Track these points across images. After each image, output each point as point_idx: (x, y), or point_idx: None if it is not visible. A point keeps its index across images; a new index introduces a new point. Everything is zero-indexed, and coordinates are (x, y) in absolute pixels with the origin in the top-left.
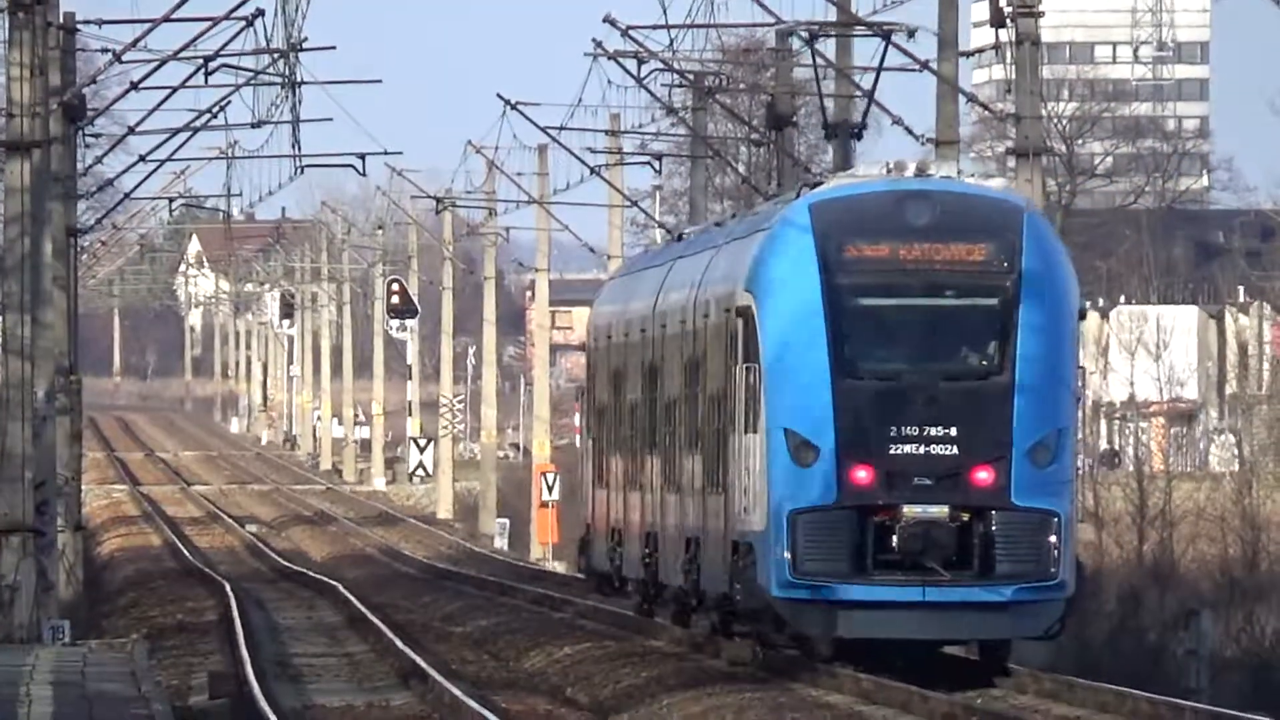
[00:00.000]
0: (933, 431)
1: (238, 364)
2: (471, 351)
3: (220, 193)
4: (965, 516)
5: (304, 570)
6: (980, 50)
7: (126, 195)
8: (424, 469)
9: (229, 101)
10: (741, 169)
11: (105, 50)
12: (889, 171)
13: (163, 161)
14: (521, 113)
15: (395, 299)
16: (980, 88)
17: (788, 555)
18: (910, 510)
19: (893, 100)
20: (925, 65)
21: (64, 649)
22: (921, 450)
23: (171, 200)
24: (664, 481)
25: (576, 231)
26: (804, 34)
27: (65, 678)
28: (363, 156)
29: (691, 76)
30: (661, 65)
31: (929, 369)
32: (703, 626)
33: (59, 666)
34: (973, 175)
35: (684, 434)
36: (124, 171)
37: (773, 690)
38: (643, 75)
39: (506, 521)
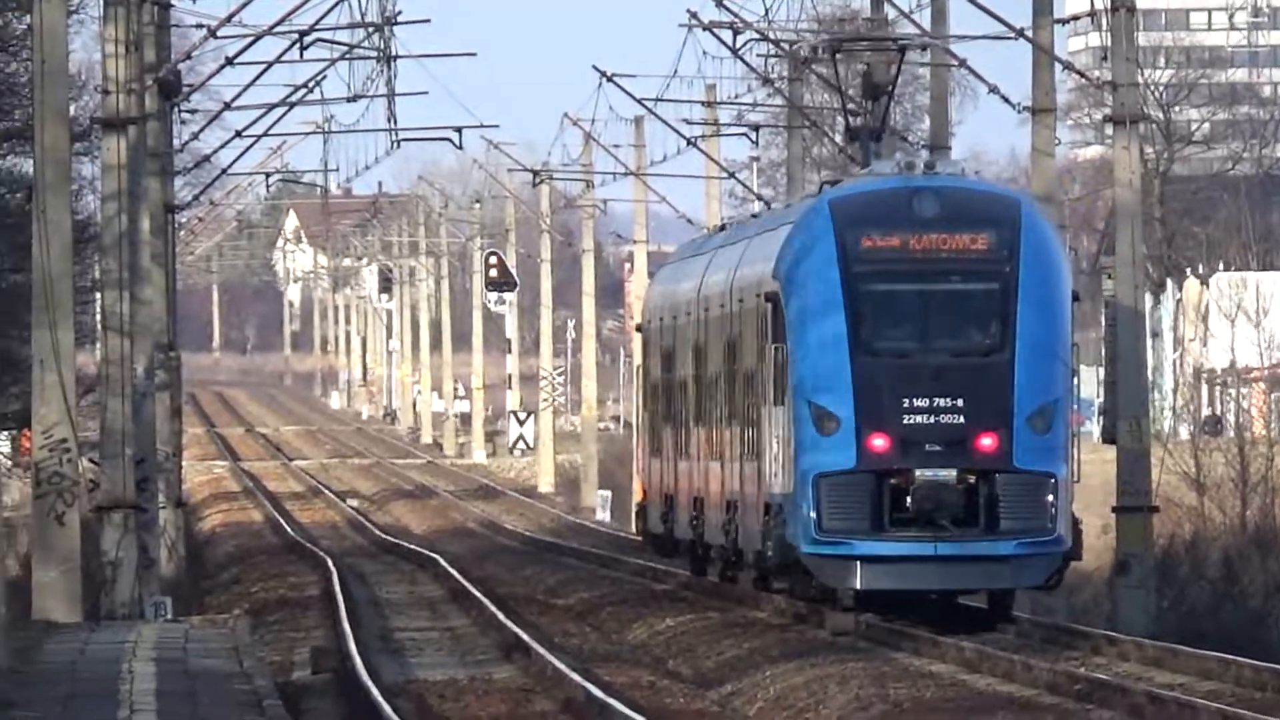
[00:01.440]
0: (941, 403)
1: (337, 339)
2: (571, 324)
3: (317, 167)
4: (971, 479)
5: (405, 544)
6: (1076, 17)
7: (223, 171)
8: (524, 442)
9: (324, 76)
10: (838, 139)
11: (200, 26)
12: (901, 170)
13: (259, 137)
14: (618, 84)
15: (493, 272)
16: (1076, 55)
17: (813, 515)
18: (922, 474)
19: (989, 69)
20: (1021, 33)
21: (166, 625)
22: (932, 420)
23: (268, 175)
24: (708, 450)
25: (674, 203)
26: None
27: (167, 654)
28: (459, 130)
29: (787, 46)
30: (757, 35)
31: (938, 347)
32: (746, 584)
33: (161, 643)
34: (978, 172)
35: (724, 407)
36: (220, 147)
37: (875, 660)
38: (738, 46)
39: (608, 494)
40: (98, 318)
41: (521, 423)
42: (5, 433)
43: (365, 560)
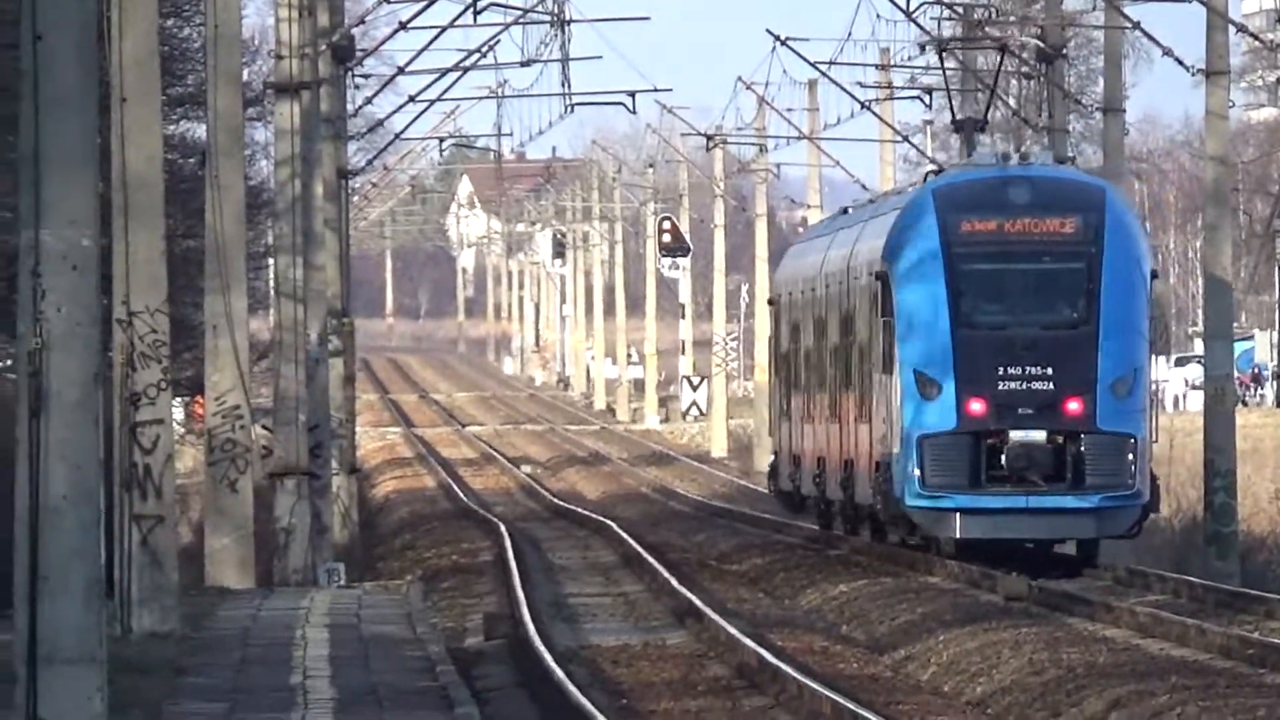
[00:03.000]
0: (1033, 370)
1: (510, 304)
2: (744, 289)
3: (491, 132)
4: (1059, 439)
5: (578, 509)
6: None
7: (397, 136)
8: (697, 407)
9: (498, 40)
10: (1012, 103)
11: None
12: (998, 161)
13: (432, 102)
14: (791, 48)
15: (667, 237)
16: (1250, 18)
17: (917, 472)
18: (1015, 434)
19: (1163, 32)
20: None
21: (339, 591)
22: (1024, 386)
23: (442, 140)
24: (828, 414)
25: (847, 168)
26: None
27: (340, 620)
28: (633, 94)
29: (961, 10)
30: None
31: (1030, 320)
32: (863, 536)
33: (334, 609)
34: (1073, 159)
35: (842, 375)
36: (394, 112)
37: (1048, 625)
38: (912, 9)
39: None
40: (271, 284)
41: (695, 388)
42: (178, 399)
43: (538, 526)
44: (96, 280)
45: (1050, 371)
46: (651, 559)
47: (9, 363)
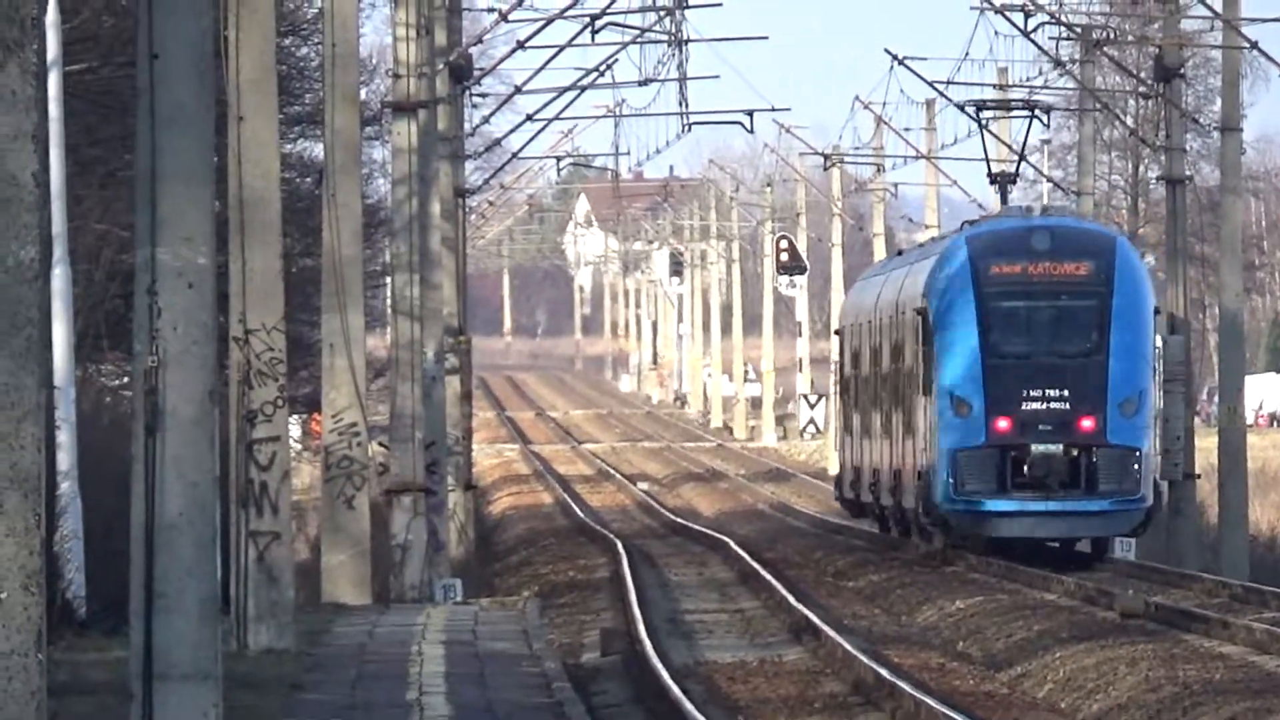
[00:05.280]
0: (1051, 393)
1: (627, 322)
2: None
3: (608, 151)
4: (1075, 452)
5: (695, 526)
6: None
7: (514, 155)
8: (815, 425)
9: (616, 59)
10: (1129, 122)
11: (491, 10)
12: (1023, 212)
13: (550, 120)
14: (909, 67)
15: (784, 255)
16: None
17: (951, 480)
18: (1036, 447)
19: None
20: None
21: (455, 607)
22: (1044, 406)
23: (559, 159)
24: (881, 430)
25: (965, 187)
26: None
27: (456, 636)
28: (750, 113)
29: (1079, 29)
30: (1049, 18)
31: (1049, 349)
32: (916, 540)
33: (450, 625)
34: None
35: (892, 397)
36: (511, 131)
37: (1165, 642)
38: (1030, 28)
39: None
40: (388, 302)
41: (812, 406)
42: (295, 416)
43: (654, 543)
44: (213, 298)
45: (1066, 393)
46: (768, 575)
47: (126, 380)
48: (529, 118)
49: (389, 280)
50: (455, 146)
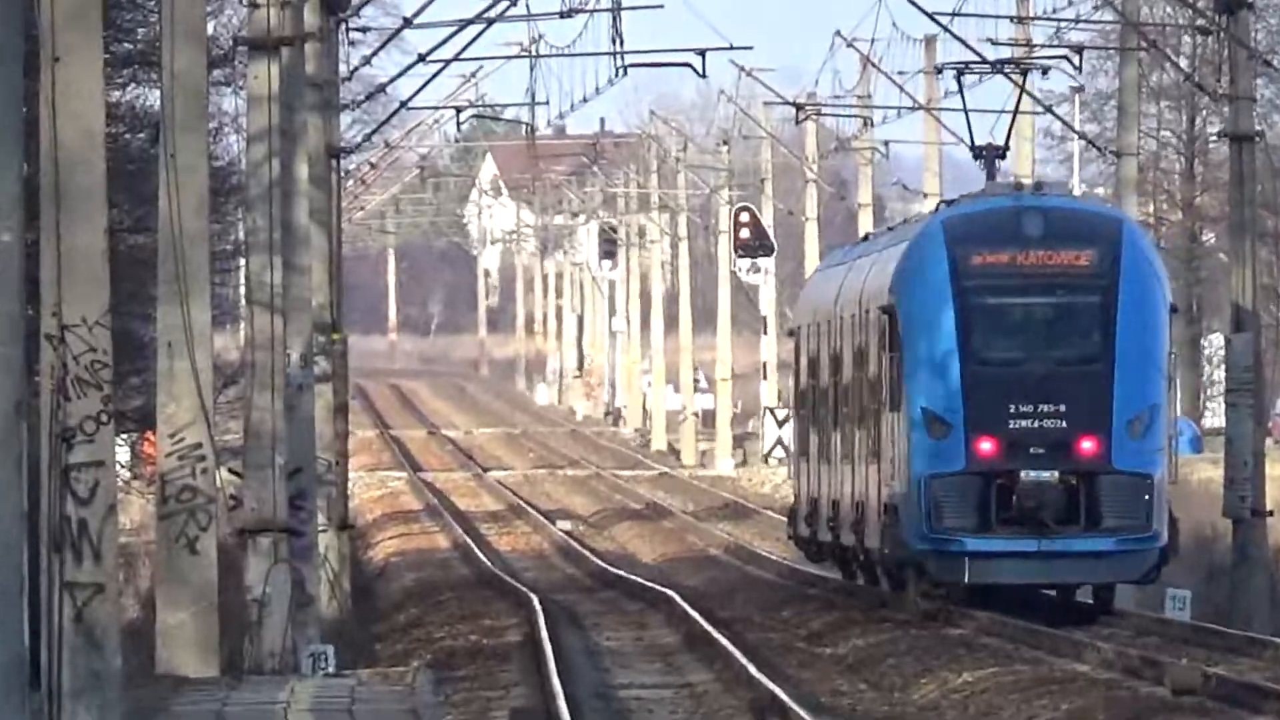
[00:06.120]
0: (1045, 408)
1: (545, 317)
2: None
3: (522, 101)
4: (1073, 479)
5: (631, 577)
6: None
7: (403, 105)
8: (783, 447)
9: None
10: (1184, 64)
11: None
12: (1011, 190)
13: (448, 62)
14: None
15: (745, 232)
16: None
17: (924, 514)
18: (1026, 474)
19: None
20: None
21: (327, 680)
22: (1036, 424)
23: (459, 110)
24: (841, 453)
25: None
26: None
27: (329, 719)
28: (702, 53)
29: None
30: None
31: (1042, 356)
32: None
33: (320, 704)
34: (1084, 193)
35: (854, 412)
36: (398, 75)
37: None
38: None
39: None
40: (241, 290)
41: (780, 423)
42: (124, 435)
43: (580, 598)
44: (19, 285)
45: (1063, 409)
46: (723, 638)
47: None
48: (421, 58)
49: (243, 262)
50: (328, 94)
